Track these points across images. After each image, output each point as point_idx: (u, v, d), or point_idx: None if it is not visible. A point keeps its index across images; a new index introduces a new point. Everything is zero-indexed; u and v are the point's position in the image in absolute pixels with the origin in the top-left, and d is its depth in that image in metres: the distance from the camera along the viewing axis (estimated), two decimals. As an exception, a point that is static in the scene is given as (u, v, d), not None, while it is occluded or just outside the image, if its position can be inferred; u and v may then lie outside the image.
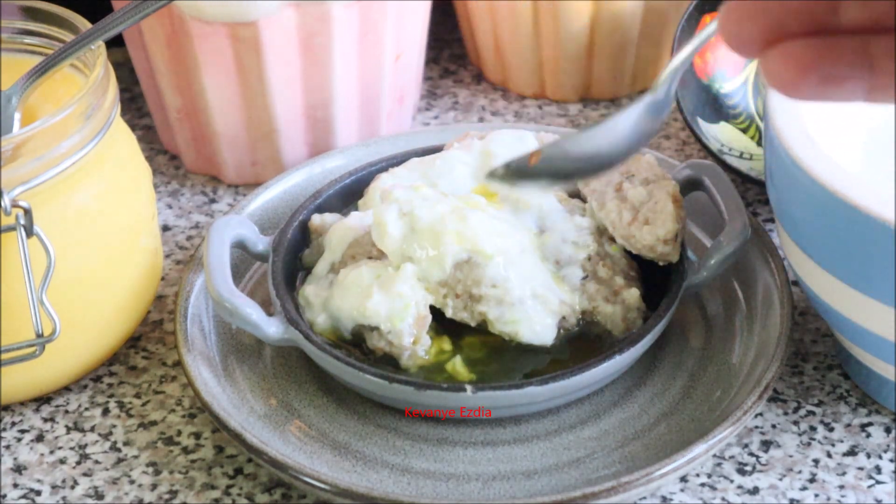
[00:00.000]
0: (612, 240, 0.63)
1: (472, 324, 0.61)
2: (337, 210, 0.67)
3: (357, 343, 0.61)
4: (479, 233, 0.60)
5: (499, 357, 0.61)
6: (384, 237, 0.61)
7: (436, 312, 0.61)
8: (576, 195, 0.66)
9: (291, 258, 0.64)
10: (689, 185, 0.66)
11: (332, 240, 0.63)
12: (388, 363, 0.60)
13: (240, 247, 0.64)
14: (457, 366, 0.60)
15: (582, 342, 0.62)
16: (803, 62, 0.40)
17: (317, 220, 0.66)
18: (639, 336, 0.60)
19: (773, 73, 0.40)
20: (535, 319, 0.60)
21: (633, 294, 0.62)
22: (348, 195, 0.68)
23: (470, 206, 0.62)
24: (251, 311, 0.60)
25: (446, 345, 0.61)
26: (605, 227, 0.63)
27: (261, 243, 0.65)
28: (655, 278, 0.63)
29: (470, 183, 0.65)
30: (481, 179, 0.65)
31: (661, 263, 0.62)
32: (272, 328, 0.60)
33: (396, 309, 0.59)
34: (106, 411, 0.63)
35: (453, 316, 0.61)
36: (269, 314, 0.61)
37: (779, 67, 0.40)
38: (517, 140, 0.67)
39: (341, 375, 0.60)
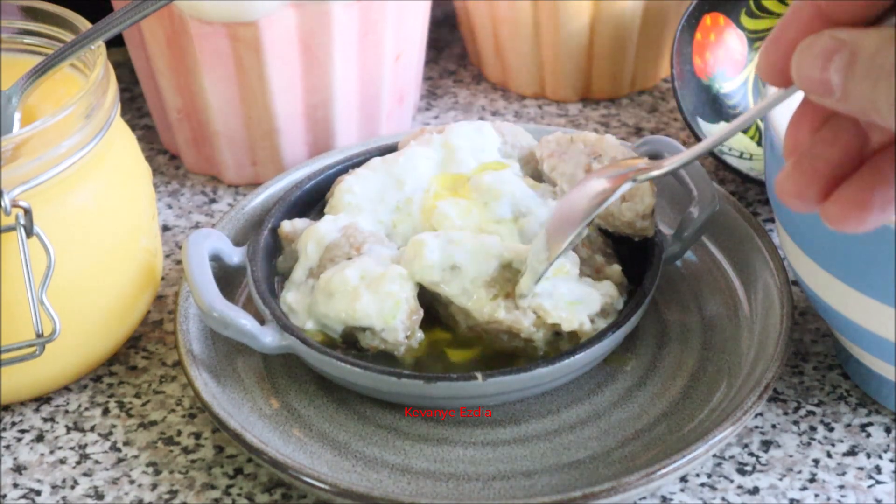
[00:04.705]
0: None
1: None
2: (304, 214, 0.67)
3: (349, 343, 0.61)
4: None
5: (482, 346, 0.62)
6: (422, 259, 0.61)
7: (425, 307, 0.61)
8: (540, 178, 0.66)
9: (268, 266, 0.64)
10: None
11: (306, 245, 0.63)
12: (383, 358, 0.60)
13: (215, 260, 0.63)
14: (456, 352, 0.61)
15: None
16: (861, 203, 0.43)
17: (287, 226, 0.65)
18: (633, 309, 0.61)
19: (837, 220, 0.43)
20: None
21: (615, 270, 0.62)
22: (313, 199, 0.68)
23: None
24: (245, 322, 0.60)
25: (442, 334, 0.61)
26: None
27: (235, 255, 0.64)
28: (628, 255, 0.64)
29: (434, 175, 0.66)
30: (445, 169, 0.66)
31: (636, 239, 0.63)
32: (268, 337, 0.60)
33: (387, 307, 0.59)
34: (106, 411, 0.63)
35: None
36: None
37: (841, 215, 0.43)
38: (475, 131, 0.67)
39: (345, 377, 0.59)
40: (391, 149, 0.69)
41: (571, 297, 0.60)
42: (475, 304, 0.60)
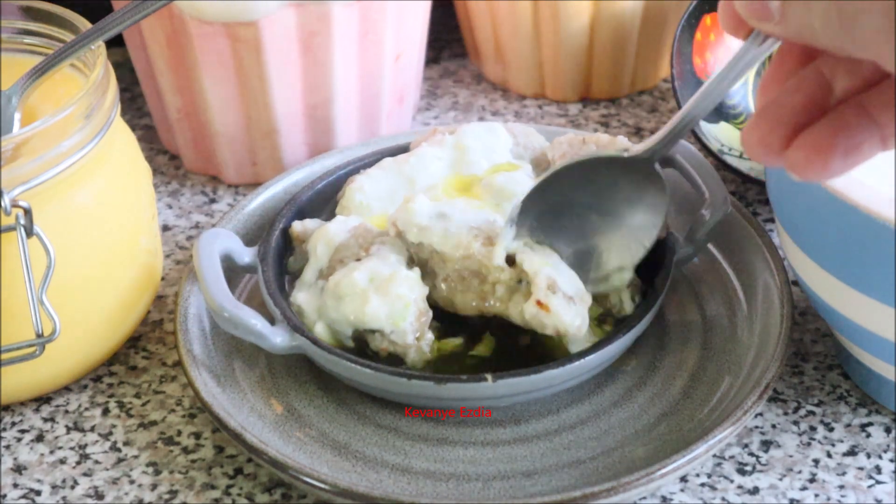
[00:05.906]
0: None
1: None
2: (315, 215, 0.67)
3: (359, 345, 0.61)
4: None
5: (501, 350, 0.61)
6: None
7: (436, 311, 0.61)
8: None
9: (278, 266, 0.64)
10: (660, 163, 0.66)
11: (316, 246, 0.63)
12: (392, 361, 0.60)
13: (226, 259, 0.63)
14: (476, 350, 0.61)
15: None
16: (823, 148, 0.43)
17: (298, 227, 0.65)
18: (643, 311, 0.61)
19: (800, 167, 0.43)
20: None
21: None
22: (324, 199, 0.68)
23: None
24: (255, 322, 0.59)
25: (455, 341, 0.61)
26: None
27: (246, 255, 0.64)
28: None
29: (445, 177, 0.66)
30: (456, 170, 0.66)
31: None
32: (278, 338, 0.60)
33: (397, 310, 0.59)
34: (106, 411, 0.63)
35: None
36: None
37: (804, 160, 0.43)
38: (488, 132, 0.67)
39: (355, 377, 0.59)
40: (402, 149, 0.69)
41: (563, 282, 0.59)
42: (453, 242, 0.60)
